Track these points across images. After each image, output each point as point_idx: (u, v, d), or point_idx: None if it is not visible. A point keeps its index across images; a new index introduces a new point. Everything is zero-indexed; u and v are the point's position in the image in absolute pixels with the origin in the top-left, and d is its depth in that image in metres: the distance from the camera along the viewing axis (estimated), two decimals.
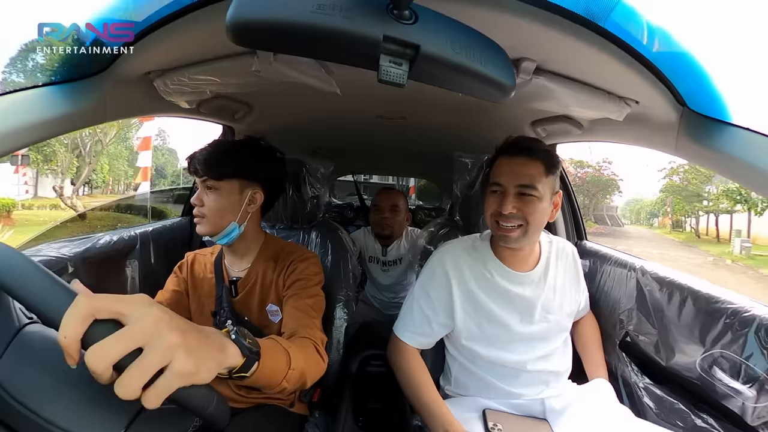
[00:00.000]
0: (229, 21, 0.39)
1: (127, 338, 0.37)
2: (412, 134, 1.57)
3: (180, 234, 1.47)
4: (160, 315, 0.40)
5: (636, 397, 1.02)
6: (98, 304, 0.37)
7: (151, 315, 0.39)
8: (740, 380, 0.79)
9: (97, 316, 0.37)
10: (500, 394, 0.98)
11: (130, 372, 0.36)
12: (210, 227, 0.92)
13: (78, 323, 0.36)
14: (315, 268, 0.98)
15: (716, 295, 0.88)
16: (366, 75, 0.46)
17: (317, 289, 0.94)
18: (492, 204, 0.93)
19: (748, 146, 0.63)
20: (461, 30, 0.45)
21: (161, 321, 0.39)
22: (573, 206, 1.54)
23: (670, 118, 0.75)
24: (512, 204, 0.88)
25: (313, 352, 0.78)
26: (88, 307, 0.37)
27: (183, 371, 0.38)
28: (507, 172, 0.91)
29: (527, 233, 0.90)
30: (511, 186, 0.89)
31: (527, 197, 0.89)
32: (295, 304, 0.89)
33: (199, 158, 0.91)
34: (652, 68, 0.64)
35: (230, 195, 0.92)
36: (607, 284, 1.20)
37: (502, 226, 0.91)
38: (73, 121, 0.70)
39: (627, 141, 1.00)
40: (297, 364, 0.67)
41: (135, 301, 0.40)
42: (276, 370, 0.62)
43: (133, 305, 0.39)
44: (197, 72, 0.79)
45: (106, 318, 0.37)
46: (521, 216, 0.89)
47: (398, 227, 1.89)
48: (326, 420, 1.06)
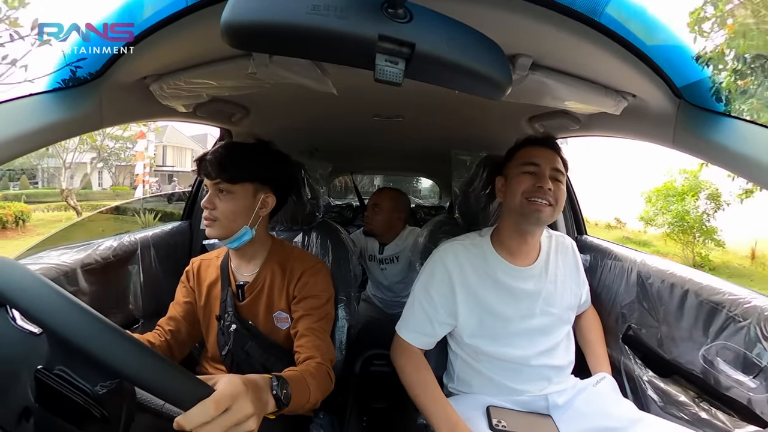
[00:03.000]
0: (224, 23, 0.39)
1: (221, 427, 0.49)
2: (410, 133, 1.57)
3: (180, 238, 1.47)
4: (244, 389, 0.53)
5: (640, 390, 1.02)
6: (220, 407, 0.49)
7: (244, 411, 0.52)
8: (743, 371, 0.79)
9: None
10: (504, 391, 0.98)
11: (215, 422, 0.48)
12: (222, 231, 0.91)
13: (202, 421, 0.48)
14: (325, 281, 0.99)
15: (717, 286, 0.88)
16: (362, 75, 0.45)
17: (329, 307, 0.97)
18: (526, 181, 0.95)
19: (745, 137, 0.63)
20: (457, 27, 0.45)
21: (246, 411, 0.52)
22: (573, 202, 1.54)
23: (667, 111, 0.75)
24: (549, 182, 0.93)
25: (326, 377, 0.84)
26: (215, 412, 0.48)
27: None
28: (542, 155, 0.96)
29: (553, 214, 0.95)
30: (548, 167, 0.95)
31: (557, 181, 0.95)
32: (310, 326, 0.92)
33: (211, 160, 0.90)
34: (648, 61, 0.64)
35: (244, 198, 0.92)
36: (608, 278, 1.20)
37: (537, 201, 0.93)
38: (70, 129, 0.70)
39: (625, 135, 1.01)
40: (314, 396, 0.75)
41: (235, 399, 0.51)
42: (297, 406, 0.69)
43: (233, 400, 0.51)
44: (193, 75, 0.79)
45: None
46: (554, 196, 0.93)
47: (381, 226, 1.90)
48: (331, 420, 1.06)
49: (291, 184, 1.05)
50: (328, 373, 0.85)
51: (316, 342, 0.89)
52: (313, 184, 1.30)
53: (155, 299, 1.23)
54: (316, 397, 0.77)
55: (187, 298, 1.03)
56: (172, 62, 0.77)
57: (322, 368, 0.84)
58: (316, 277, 0.97)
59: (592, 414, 0.91)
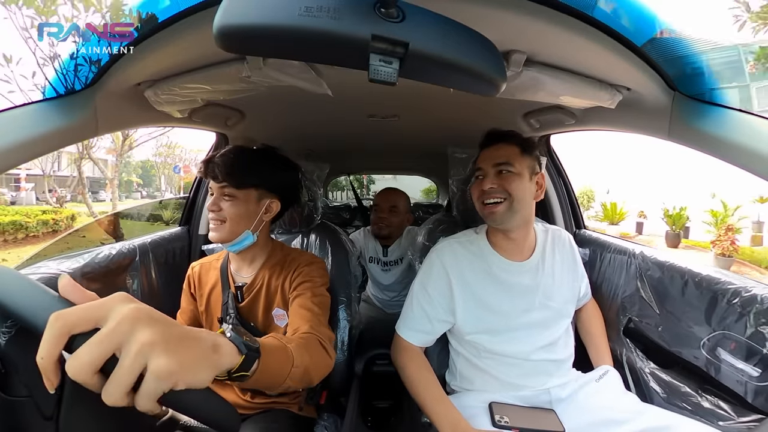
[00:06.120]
0: (217, 28, 0.38)
1: (100, 345, 0.35)
2: (406, 132, 1.57)
3: (179, 244, 1.46)
4: (134, 313, 0.37)
5: (642, 382, 1.03)
6: (72, 319, 0.35)
7: (124, 314, 0.36)
8: (745, 360, 0.80)
9: (74, 332, 0.35)
10: (506, 387, 0.98)
11: (110, 381, 0.35)
12: (226, 234, 0.92)
13: (53, 345, 0.34)
14: (320, 270, 0.99)
15: (716, 276, 0.88)
16: (357, 75, 0.45)
17: (322, 290, 0.95)
18: (476, 189, 0.99)
19: (741, 128, 0.63)
20: (450, 25, 0.45)
21: (135, 320, 0.37)
22: (570, 196, 1.54)
23: (662, 104, 0.75)
24: (491, 181, 0.95)
25: (318, 348, 0.77)
26: (62, 327, 0.35)
27: (161, 371, 0.36)
28: (485, 157, 0.99)
29: (512, 207, 0.94)
30: (489, 167, 0.97)
31: (505, 174, 0.95)
32: (300, 302, 0.89)
33: (218, 163, 0.90)
34: (642, 54, 0.64)
35: (248, 203, 0.92)
36: (607, 271, 1.20)
37: (488, 204, 0.95)
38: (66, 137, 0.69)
39: (620, 128, 1.01)
40: (300, 361, 0.66)
41: (109, 304, 0.37)
42: (278, 369, 0.60)
43: (108, 307, 0.37)
44: (187, 80, 0.79)
45: (86, 330, 0.36)
46: (502, 190, 0.94)
47: (397, 228, 1.89)
48: (335, 421, 1.06)
49: (296, 191, 1.06)
50: (320, 344, 0.78)
51: (307, 317, 0.84)
52: (311, 186, 1.30)
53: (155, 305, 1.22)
54: (307, 365, 0.68)
55: (190, 305, 1.04)
56: (166, 67, 0.77)
57: (311, 338, 0.77)
58: (311, 266, 0.98)
59: (595, 407, 0.92)
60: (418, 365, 0.98)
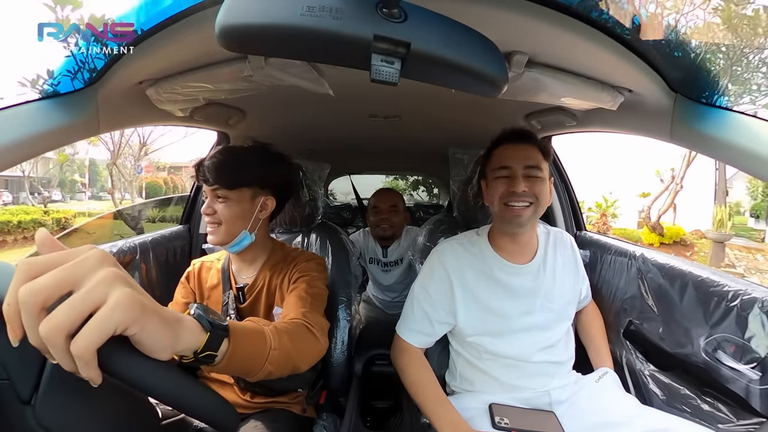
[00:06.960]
0: (219, 27, 0.38)
1: (56, 277, 0.32)
2: (407, 132, 1.57)
3: (180, 243, 1.47)
4: (103, 254, 0.35)
5: (642, 384, 1.02)
6: (39, 267, 0.33)
7: (92, 255, 0.35)
8: (744, 363, 0.80)
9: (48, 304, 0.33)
10: (506, 388, 0.98)
11: (54, 312, 0.32)
12: (223, 236, 0.91)
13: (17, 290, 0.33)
14: (319, 267, 0.98)
15: (716, 279, 0.88)
16: (358, 75, 0.45)
17: (318, 284, 0.93)
18: (500, 186, 0.95)
19: (743, 130, 0.63)
20: (452, 26, 0.45)
21: (102, 259, 0.35)
22: (571, 198, 1.54)
23: (664, 105, 0.75)
24: (524, 183, 0.91)
25: (305, 333, 0.74)
26: (29, 272, 0.33)
27: (121, 299, 0.33)
28: (513, 155, 0.95)
29: (536, 212, 0.94)
30: (520, 167, 0.93)
31: (533, 178, 0.93)
32: (295, 293, 0.88)
33: (208, 166, 0.90)
34: (643, 56, 0.64)
35: (242, 203, 0.91)
36: (608, 273, 1.20)
37: (513, 206, 0.92)
38: (67, 135, 0.69)
39: (622, 130, 1.01)
40: (280, 345, 0.63)
41: (79, 250, 0.36)
42: (253, 351, 0.57)
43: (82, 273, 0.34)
44: (189, 79, 0.79)
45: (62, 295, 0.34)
46: (532, 194, 0.92)
47: (399, 227, 1.89)
48: (334, 421, 1.06)
49: (291, 186, 1.05)
50: (307, 329, 0.75)
51: (298, 306, 0.83)
52: (312, 185, 1.30)
53: None
54: (289, 350, 0.65)
55: (187, 298, 1.02)
56: (168, 66, 0.77)
57: (297, 323, 0.75)
58: (309, 263, 0.97)
59: (595, 409, 0.92)
60: (418, 366, 0.98)
